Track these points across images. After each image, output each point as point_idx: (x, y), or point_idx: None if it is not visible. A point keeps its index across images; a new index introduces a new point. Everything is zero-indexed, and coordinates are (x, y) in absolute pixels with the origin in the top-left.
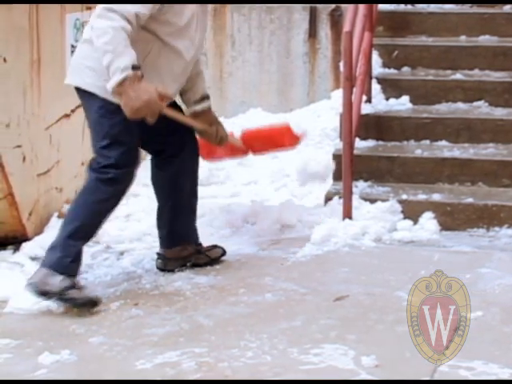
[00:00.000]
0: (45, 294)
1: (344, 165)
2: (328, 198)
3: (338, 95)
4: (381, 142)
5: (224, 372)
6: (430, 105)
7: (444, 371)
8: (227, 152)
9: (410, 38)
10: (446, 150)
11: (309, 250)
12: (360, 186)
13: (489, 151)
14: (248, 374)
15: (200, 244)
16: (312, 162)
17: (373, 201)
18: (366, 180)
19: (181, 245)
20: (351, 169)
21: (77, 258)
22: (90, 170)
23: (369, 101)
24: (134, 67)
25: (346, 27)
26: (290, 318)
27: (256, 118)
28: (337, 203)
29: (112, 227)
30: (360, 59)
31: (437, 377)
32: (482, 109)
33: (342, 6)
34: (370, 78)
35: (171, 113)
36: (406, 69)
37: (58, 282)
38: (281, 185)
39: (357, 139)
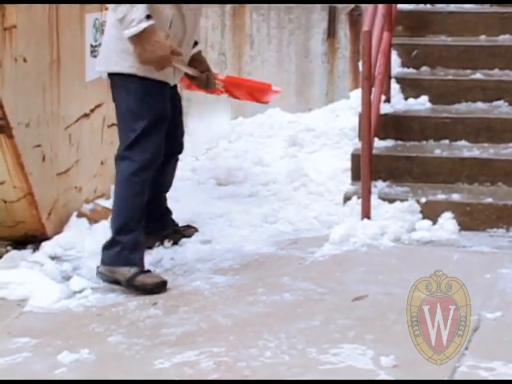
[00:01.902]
0: (116, 282)
1: (363, 164)
2: (347, 198)
3: (357, 95)
4: (400, 142)
5: (243, 372)
6: (450, 104)
7: (463, 371)
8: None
9: (429, 37)
10: (465, 149)
11: (327, 249)
12: (379, 186)
13: (509, 151)
14: (266, 373)
15: (177, 225)
16: (330, 162)
17: (391, 201)
18: (384, 180)
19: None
20: (370, 169)
21: (135, 248)
22: (120, 161)
23: (388, 100)
24: (148, 17)
25: (365, 27)
26: (308, 318)
27: (275, 118)
28: (355, 203)
29: None
30: (379, 59)
31: (456, 377)
32: (501, 108)
33: (361, 5)
34: (389, 77)
35: (174, 63)
36: (425, 68)
37: (125, 271)
38: (299, 184)
39: (375, 139)
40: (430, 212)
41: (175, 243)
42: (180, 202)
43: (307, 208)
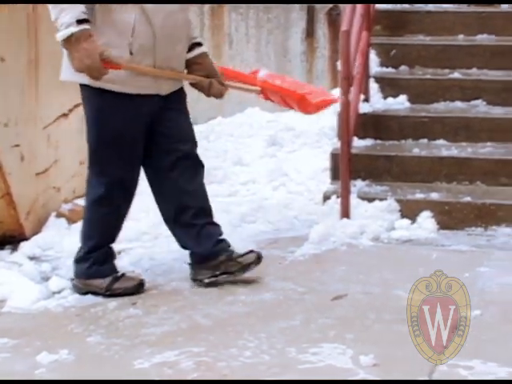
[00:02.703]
0: (92, 293)
1: (342, 164)
2: (326, 197)
3: (336, 94)
4: (379, 141)
5: (222, 371)
6: (428, 104)
7: (443, 370)
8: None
9: (407, 36)
10: (443, 148)
11: (307, 249)
12: (358, 185)
13: (487, 150)
14: (246, 373)
15: (231, 250)
16: (310, 162)
17: (371, 200)
18: (363, 179)
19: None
20: (349, 168)
21: (105, 260)
22: (87, 182)
23: (366, 100)
24: (80, 21)
25: (344, 26)
26: (288, 318)
27: (254, 118)
28: (335, 202)
29: None
30: (357, 58)
31: (435, 376)
32: (479, 108)
33: (340, 5)
34: (368, 77)
35: (154, 71)
36: (403, 68)
37: (99, 283)
38: (279, 184)
39: (355, 138)
40: (409, 211)
41: (230, 273)
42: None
43: (287, 207)
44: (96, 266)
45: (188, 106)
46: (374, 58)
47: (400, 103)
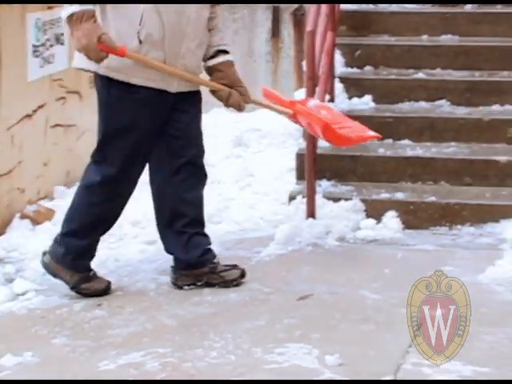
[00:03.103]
0: (58, 278)
1: (307, 164)
2: (292, 198)
3: (301, 94)
4: None
5: (188, 372)
6: (393, 104)
7: (408, 369)
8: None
9: (372, 37)
10: (408, 148)
11: (273, 249)
12: (323, 185)
13: (451, 150)
14: (212, 373)
15: (215, 262)
16: (276, 162)
17: (336, 200)
18: (329, 179)
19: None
20: (314, 168)
21: (79, 256)
22: (88, 165)
23: (332, 100)
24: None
25: (309, 27)
26: (254, 318)
27: (220, 118)
28: (300, 202)
29: None
30: (323, 58)
31: (400, 375)
32: (443, 108)
33: (305, 5)
34: (333, 77)
35: (160, 65)
36: (368, 68)
37: (68, 276)
38: (245, 184)
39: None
40: (374, 211)
41: (211, 286)
42: None
43: (253, 208)
44: (69, 257)
45: None
46: (338, 59)
47: (365, 103)
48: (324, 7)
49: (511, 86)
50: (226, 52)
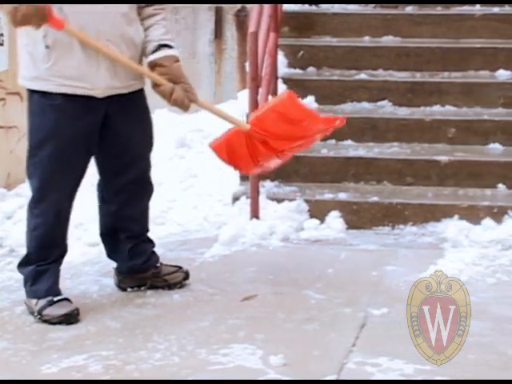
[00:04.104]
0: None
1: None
2: (235, 198)
3: (245, 95)
4: None
5: (132, 374)
6: (335, 104)
7: (351, 368)
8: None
9: (314, 38)
10: (351, 149)
11: (216, 250)
12: (267, 186)
13: (393, 150)
14: (156, 375)
15: (158, 266)
16: (219, 163)
17: (280, 200)
18: (272, 180)
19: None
20: None
21: (36, 280)
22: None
23: None
24: None
25: (251, 28)
26: (198, 319)
27: (163, 119)
28: (244, 203)
29: (16, 230)
30: (265, 59)
31: (343, 374)
32: (385, 108)
33: (247, 6)
34: (276, 78)
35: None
36: (311, 69)
37: (32, 305)
38: (188, 185)
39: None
40: (318, 211)
41: (155, 289)
42: None
43: (196, 209)
44: (28, 284)
45: None
46: (281, 59)
47: (308, 104)
48: (266, 8)
49: (452, 87)
50: (169, 47)
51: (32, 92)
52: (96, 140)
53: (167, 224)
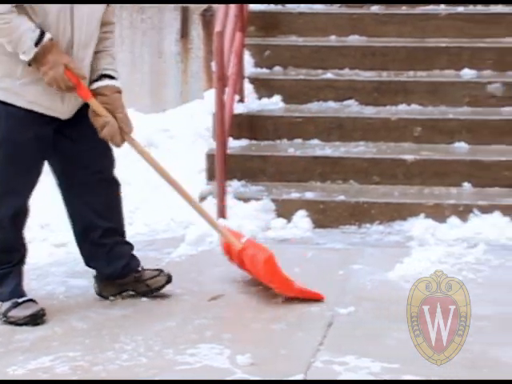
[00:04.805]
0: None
1: (217, 164)
2: (202, 198)
3: (211, 95)
4: (254, 142)
5: (99, 375)
6: (302, 104)
7: (318, 367)
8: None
9: (280, 37)
10: (317, 148)
11: (183, 250)
12: (234, 186)
13: (359, 149)
14: (123, 376)
15: (139, 271)
16: (186, 162)
17: (247, 200)
18: (239, 179)
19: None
20: (224, 168)
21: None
22: None
23: (241, 100)
24: (38, 40)
25: (217, 27)
26: (165, 319)
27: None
28: (211, 203)
29: None
30: (232, 59)
31: (311, 373)
32: (352, 107)
33: (214, 6)
34: (243, 77)
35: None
36: (277, 68)
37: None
38: (155, 185)
39: (230, 139)
40: (285, 211)
41: (137, 293)
42: (34, 203)
43: (163, 209)
44: None
45: None
46: (248, 59)
47: (274, 104)
48: (233, 8)
49: (417, 86)
50: (111, 77)
51: None
52: (50, 144)
53: (134, 224)
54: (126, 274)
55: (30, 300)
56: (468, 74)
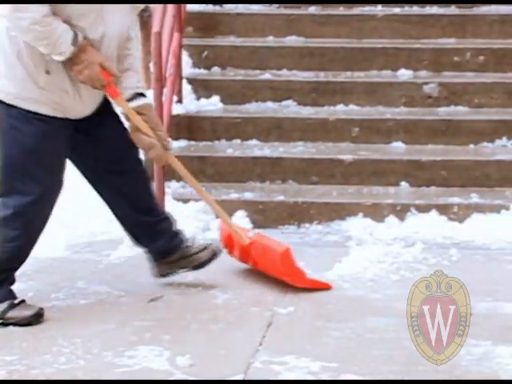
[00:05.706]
0: None
1: (156, 165)
2: None
3: (149, 96)
4: (192, 142)
5: (37, 379)
6: (241, 104)
7: (257, 367)
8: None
9: (218, 38)
10: (256, 148)
11: (122, 251)
12: (173, 187)
13: (298, 149)
14: (62, 379)
15: (186, 246)
16: None
17: (186, 201)
18: (178, 180)
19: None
20: (163, 169)
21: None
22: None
23: (180, 101)
24: (75, 37)
25: (155, 28)
26: (104, 321)
27: None
28: None
29: None
30: (170, 60)
31: (250, 373)
32: (290, 108)
33: (151, 6)
34: (181, 78)
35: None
36: (215, 69)
37: None
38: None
39: (168, 140)
40: (224, 211)
41: (188, 269)
42: None
43: (102, 210)
44: None
45: None
46: (186, 60)
47: (213, 104)
48: (170, 8)
49: (355, 87)
50: (143, 95)
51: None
52: (72, 143)
53: (73, 226)
54: (173, 250)
55: (24, 300)
56: (405, 74)
